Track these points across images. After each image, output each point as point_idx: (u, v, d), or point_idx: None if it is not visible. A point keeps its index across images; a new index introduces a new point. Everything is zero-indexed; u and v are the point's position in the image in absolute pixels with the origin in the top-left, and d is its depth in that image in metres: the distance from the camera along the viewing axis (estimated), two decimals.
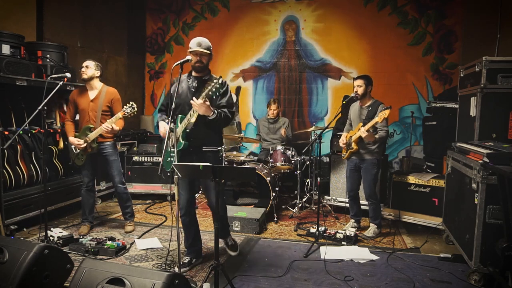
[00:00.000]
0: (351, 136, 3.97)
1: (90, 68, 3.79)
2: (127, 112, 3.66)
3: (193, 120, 2.87)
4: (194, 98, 2.79)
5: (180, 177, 2.65)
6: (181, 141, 2.93)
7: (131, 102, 3.67)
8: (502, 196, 2.55)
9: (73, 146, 3.83)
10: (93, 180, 4.01)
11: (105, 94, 3.84)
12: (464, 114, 3.69)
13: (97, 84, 3.87)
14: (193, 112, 2.83)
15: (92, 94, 3.84)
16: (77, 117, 3.98)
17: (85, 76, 3.78)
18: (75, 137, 3.81)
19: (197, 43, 2.88)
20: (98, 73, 3.85)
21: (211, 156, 3.05)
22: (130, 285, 2.07)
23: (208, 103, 2.78)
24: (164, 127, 3.00)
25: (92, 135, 3.73)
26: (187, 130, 2.95)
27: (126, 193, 4.06)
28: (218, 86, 2.69)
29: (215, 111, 2.87)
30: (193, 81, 3.02)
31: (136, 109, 3.66)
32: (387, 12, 5.80)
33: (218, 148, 3.13)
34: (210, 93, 2.72)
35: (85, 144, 3.74)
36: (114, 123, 3.70)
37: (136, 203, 5.22)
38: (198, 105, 2.75)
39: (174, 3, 6.75)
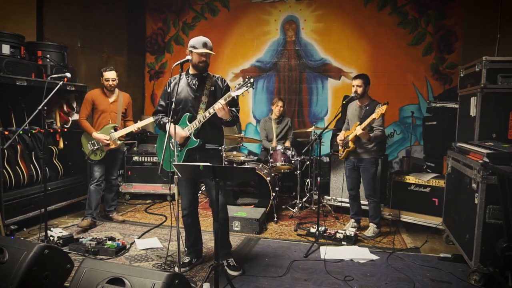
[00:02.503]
0: (348, 135, 3.97)
1: (116, 79, 4.12)
2: None
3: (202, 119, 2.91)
4: (221, 101, 2.81)
5: (181, 178, 2.64)
6: (195, 139, 2.95)
7: None
8: (502, 196, 2.55)
9: (91, 142, 4.02)
10: (103, 176, 4.18)
11: (122, 98, 4.23)
12: (464, 114, 3.69)
13: (115, 89, 4.20)
14: (209, 113, 2.87)
15: (111, 98, 4.15)
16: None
17: (113, 88, 4.12)
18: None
19: (203, 43, 2.88)
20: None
21: (214, 153, 3.07)
22: (130, 285, 2.07)
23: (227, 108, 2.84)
24: (177, 129, 2.91)
25: (120, 133, 4.05)
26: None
27: (118, 186, 4.62)
28: (249, 85, 2.74)
29: (232, 113, 2.93)
30: (192, 79, 3.02)
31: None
32: (387, 12, 5.80)
33: (220, 147, 3.17)
34: (242, 92, 2.77)
35: (109, 141, 3.99)
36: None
37: (136, 203, 5.23)
38: (219, 109, 2.80)
39: (174, 3, 6.75)
